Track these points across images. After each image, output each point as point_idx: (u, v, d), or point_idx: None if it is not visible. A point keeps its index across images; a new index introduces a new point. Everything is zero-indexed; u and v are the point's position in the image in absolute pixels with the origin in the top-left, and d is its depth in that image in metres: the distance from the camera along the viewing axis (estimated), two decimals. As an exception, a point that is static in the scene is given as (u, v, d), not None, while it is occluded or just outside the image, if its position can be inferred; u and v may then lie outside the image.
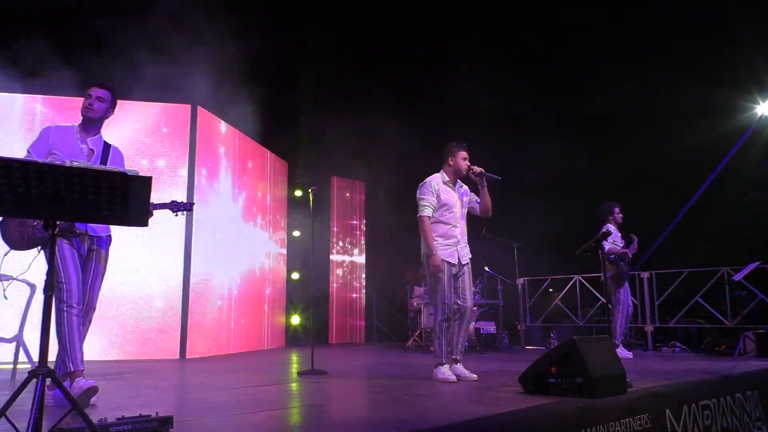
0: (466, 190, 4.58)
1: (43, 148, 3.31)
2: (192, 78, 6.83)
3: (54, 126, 3.41)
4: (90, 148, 3.41)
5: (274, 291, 9.21)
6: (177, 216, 3.64)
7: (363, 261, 11.22)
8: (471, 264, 4.47)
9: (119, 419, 2.29)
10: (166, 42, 6.32)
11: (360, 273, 11.14)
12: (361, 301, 11.09)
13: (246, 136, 8.42)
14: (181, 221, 6.81)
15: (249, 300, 8.30)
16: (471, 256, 4.47)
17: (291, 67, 9.44)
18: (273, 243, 9.30)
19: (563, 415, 2.82)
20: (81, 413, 2.04)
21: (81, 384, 3.05)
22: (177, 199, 3.65)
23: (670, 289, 8.03)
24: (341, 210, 11.02)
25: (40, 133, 3.37)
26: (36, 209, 2.04)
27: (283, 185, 9.90)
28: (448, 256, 4.29)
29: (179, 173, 7.00)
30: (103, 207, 2.09)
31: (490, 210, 4.51)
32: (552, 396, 3.26)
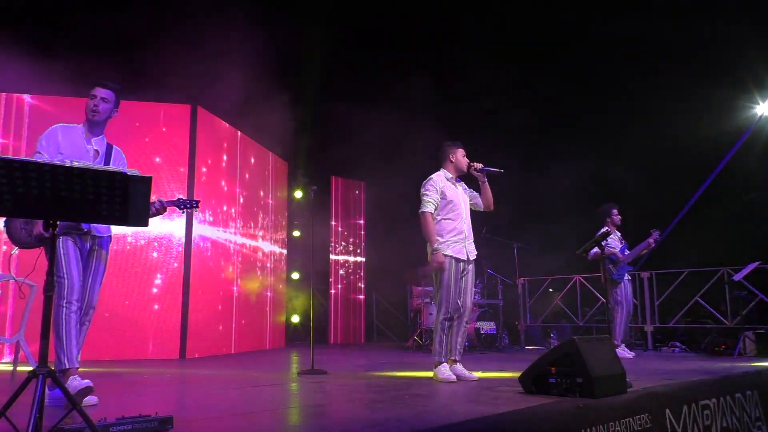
0: (465, 187, 4.63)
1: (53, 147, 3.27)
2: (192, 78, 6.83)
3: (61, 125, 3.37)
4: (95, 149, 3.40)
5: (274, 291, 9.21)
6: (183, 213, 3.69)
7: (363, 261, 11.22)
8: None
9: (119, 419, 2.29)
10: (165, 41, 6.33)
11: (360, 273, 11.14)
12: (361, 301, 11.09)
13: (246, 136, 8.42)
14: (182, 221, 6.82)
15: (248, 300, 8.30)
16: (477, 252, 4.50)
17: (291, 67, 9.44)
18: (273, 243, 9.30)
19: (563, 415, 2.82)
20: (81, 413, 2.04)
21: (75, 383, 3.04)
22: (181, 197, 3.70)
23: (670, 289, 8.03)
24: (341, 210, 11.02)
25: (48, 132, 3.32)
26: (36, 209, 2.04)
27: (284, 185, 9.90)
28: (457, 252, 4.30)
29: (179, 173, 7.00)
30: (103, 207, 2.09)
31: (492, 204, 4.56)
32: (552, 396, 3.26)
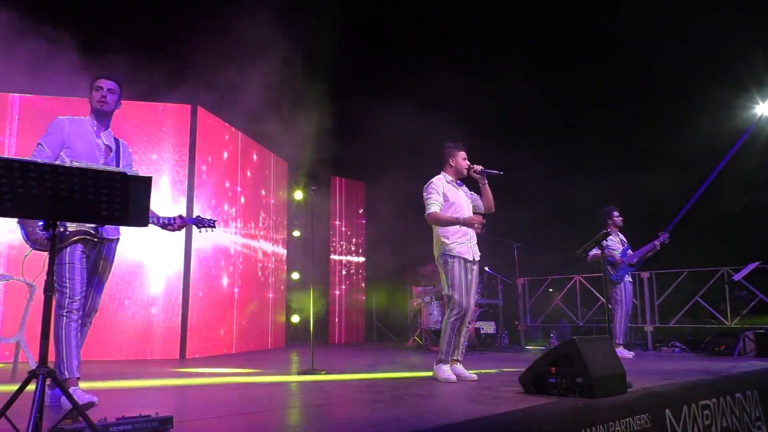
0: (467, 189, 4.65)
1: (57, 141, 3.13)
2: (191, 77, 6.83)
3: (67, 117, 3.22)
4: (106, 143, 3.30)
5: (274, 291, 9.20)
6: (201, 232, 3.68)
7: (363, 261, 11.22)
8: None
9: (119, 419, 2.29)
10: (164, 40, 6.32)
11: (360, 273, 11.14)
12: (361, 301, 11.09)
13: (246, 135, 8.42)
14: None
15: (249, 300, 8.30)
16: (480, 254, 4.51)
17: (290, 67, 9.43)
18: (273, 243, 9.30)
19: (563, 415, 2.82)
20: (81, 413, 2.04)
21: (77, 396, 2.87)
22: (200, 216, 3.67)
23: (670, 289, 8.03)
24: (341, 210, 11.02)
25: (52, 125, 3.18)
26: (36, 209, 2.04)
27: (284, 185, 9.90)
28: (463, 252, 4.33)
29: (179, 173, 7.00)
30: (103, 207, 2.09)
31: (493, 206, 4.58)
32: (552, 396, 3.26)
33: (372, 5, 9.87)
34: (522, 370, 3.61)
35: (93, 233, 3.15)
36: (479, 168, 4.46)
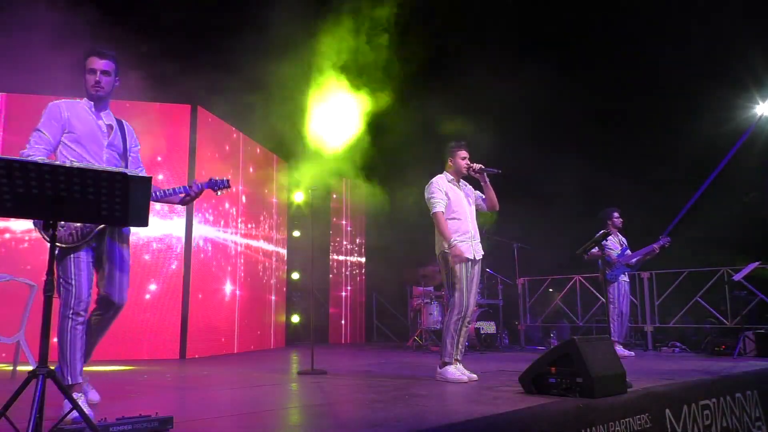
0: (470, 188, 4.63)
1: (57, 125, 2.93)
2: (191, 77, 6.82)
3: (63, 101, 3.00)
4: (107, 123, 3.09)
5: (274, 291, 9.20)
6: (218, 194, 3.51)
7: (363, 261, 11.21)
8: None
9: (119, 419, 2.29)
10: (163, 40, 6.31)
11: (360, 273, 11.14)
12: (362, 301, 11.09)
13: (245, 135, 8.42)
14: (182, 221, 6.82)
15: (249, 300, 8.30)
16: (483, 253, 4.51)
17: (290, 67, 9.42)
18: (273, 243, 9.30)
19: (563, 415, 2.82)
20: (81, 413, 2.04)
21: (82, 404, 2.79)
22: (214, 178, 3.49)
23: (670, 289, 8.03)
24: (341, 210, 11.02)
25: (48, 110, 2.95)
26: (36, 209, 2.04)
27: (284, 185, 9.90)
28: (465, 251, 4.33)
29: (179, 173, 7.00)
30: (103, 207, 2.09)
31: (496, 205, 4.56)
32: (552, 396, 3.26)
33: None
34: (522, 370, 3.61)
35: (101, 232, 3.00)
36: (478, 167, 4.45)
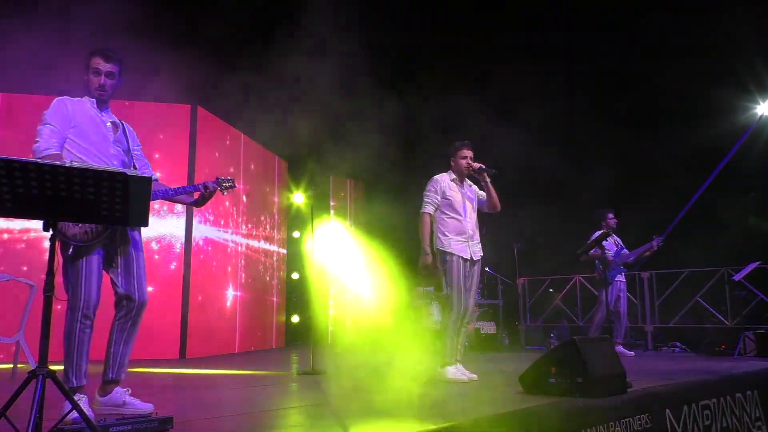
0: (474, 188, 4.60)
1: (65, 119, 2.87)
2: (191, 77, 6.82)
3: (66, 97, 2.94)
4: (111, 120, 3.04)
5: (274, 291, 9.20)
6: (224, 193, 3.37)
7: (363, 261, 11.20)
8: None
9: (119, 419, 2.29)
10: (162, 40, 6.30)
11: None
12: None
13: (245, 135, 8.42)
14: (182, 221, 6.82)
15: (249, 300, 8.30)
16: (482, 254, 4.50)
17: (290, 67, 9.42)
18: (273, 243, 9.30)
19: (563, 415, 2.82)
20: (81, 413, 2.04)
21: (85, 406, 2.73)
22: (219, 177, 3.34)
23: (670, 289, 8.03)
24: (341, 210, 11.01)
25: (55, 105, 2.89)
26: (36, 209, 2.04)
27: (284, 185, 9.90)
28: (460, 251, 4.33)
29: (179, 173, 7.00)
30: (103, 207, 2.09)
31: (497, 205, 4.50)
32: (552, 396, 3.26)
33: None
34: (522, 370, 3.61)
35: (112, 234, 2.90)
36: (477, 166, 4.42)
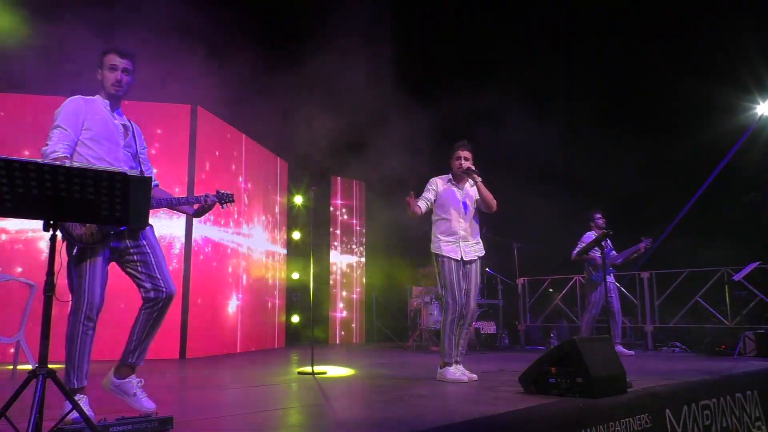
0: (474, 189, 4.55)
1: (79, 121, 2.82)
2: (191, 77, 6.82)
3: (80, 96, 2.90)
4: (122, 123, 3.00)
5: (274, 291, 9.21)
6: (223, 208, 3.31)
7: (363, 261, 11.22)
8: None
9: (119, 419, 2.29)
10: (162, 41, 6.31)
11: (360, 273, 11.14)
12: (362, 301, 11.09)
13: (246, 135, 8.42)
14: (182, 220, 6.82)
15: (248, 300, 8.30)
16: (482, 254, 4.48)
17: (290, 67, 9.43)
18: (273, 243, 9.30)
19: (563, 415, 2.82)
20: (81, 413, 2.04)
21: (87, 407, 2.72)
22: (220, 191, 3.25)
23: (670, 289, 8.03)
24: (341, 210, 11.02)
25: (68, 105, 2.84)
26: (36, 209, 2.04)
27: (284, 185, 9.90)
28: (449, 252, 4.34)
29: (179, 173, 7.00)
30: (103, 207, 2.09)
31: (491, 205, 4.47)
32: (552, 396, 3.26)
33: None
34: (522, 370, 3.61)
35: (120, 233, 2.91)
36: (466, 166, 4.43)
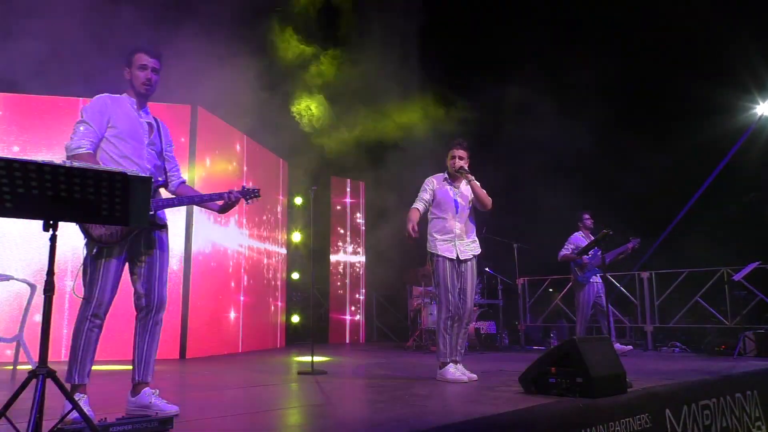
0: (468, 188, 4.55)
1: (104, 118, 2.90)
2: (191, 77, 6.82)
3: (107, 95, 2.99)
4: (147, 121, 3.09)
5: (274, 291, 9.20)
6: (247, 203, 3.35)
7: (363, 261, 11.22)
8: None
9: (119, 419, 2.29)
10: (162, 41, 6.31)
11: (360, 273, 11.15)
12: (361, 301, 11.09)
13: (246, 135, 8.41)
14: (182, 220, 6.81)
15: (248, 300, 8.30)
16: (478, 252, 4.47)
17: (290, 67, 9.44)
18: (273, 243, 9.30)
19: (563, 415, 2.82)
20: (81, 413, 2.04)
21: (88, 408, 2.74)
22: (245, 186, 3.30)
23: (670, 289, 8.03)
24: (341, 210, 11.03)
25: (95, 102, 2.93)
26: (36, 209, 2.04)
27: (284, 185, 9.90)
28: (445, 251, 4.35)
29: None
30: (103, 207, 2.09)
31: (486, 204, 4.48)
32: (552, 396, 3.26)
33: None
34: (522, 370, 3.61)
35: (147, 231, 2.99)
36: (458, 165, 4.44)
